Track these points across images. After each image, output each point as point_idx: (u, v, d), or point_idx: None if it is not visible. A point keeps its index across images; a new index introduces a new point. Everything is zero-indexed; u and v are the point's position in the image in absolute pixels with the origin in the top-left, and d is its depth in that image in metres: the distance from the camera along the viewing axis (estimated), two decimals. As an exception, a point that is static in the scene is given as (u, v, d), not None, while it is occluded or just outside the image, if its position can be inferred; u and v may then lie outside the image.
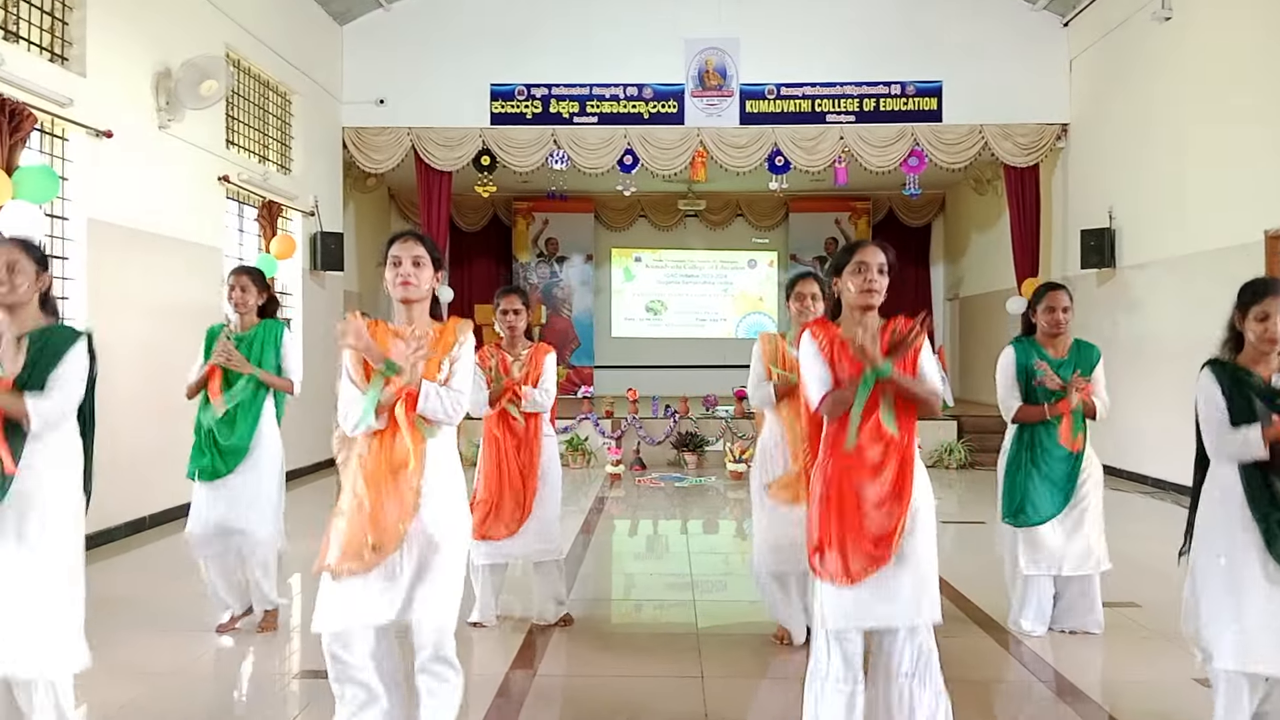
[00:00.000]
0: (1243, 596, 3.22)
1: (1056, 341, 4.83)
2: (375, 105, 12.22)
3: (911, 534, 3.15)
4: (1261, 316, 3.26)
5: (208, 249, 8.90)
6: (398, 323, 3.21)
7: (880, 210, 18.05)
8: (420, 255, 3.14)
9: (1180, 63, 9.64)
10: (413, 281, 3.12)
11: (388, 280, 3.15)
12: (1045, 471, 4.78)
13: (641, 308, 18.68)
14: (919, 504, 3.20)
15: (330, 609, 3.02)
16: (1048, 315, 4.80)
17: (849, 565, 3.13)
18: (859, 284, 3.20)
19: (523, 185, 15.00)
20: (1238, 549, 3.25)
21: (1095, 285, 11.23)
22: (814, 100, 12.28)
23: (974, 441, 11.78)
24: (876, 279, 3.20)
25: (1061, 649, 4.75)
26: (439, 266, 3.23)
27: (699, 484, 10.67)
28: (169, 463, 5.49)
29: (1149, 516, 8.40)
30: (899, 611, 3.14)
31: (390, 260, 3.14)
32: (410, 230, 3.24)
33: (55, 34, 7.05)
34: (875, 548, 3.12)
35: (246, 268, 5.10)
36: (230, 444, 4.84)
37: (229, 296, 5.00)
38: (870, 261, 3.20)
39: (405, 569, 3.03)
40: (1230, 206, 8.73)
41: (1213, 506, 3.35)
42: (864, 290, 3.20)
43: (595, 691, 4.22)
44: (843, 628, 3.16)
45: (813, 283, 4.68)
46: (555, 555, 5.09)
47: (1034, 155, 12.16)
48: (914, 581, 3.15)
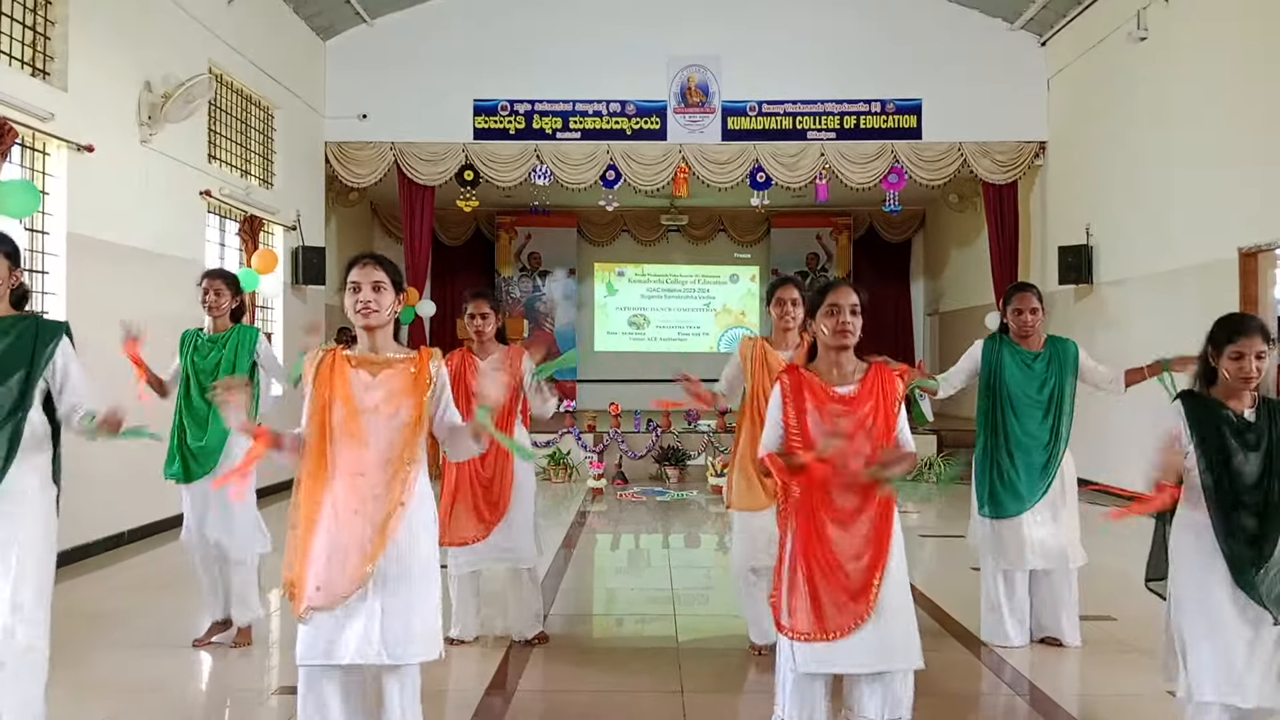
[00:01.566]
0: (1218, 629, 3.21)
1: (1028, 342, 4.90)
2: (358, 120, 12.21)
3: (888, 583, 3.11)
4: (1236, 356, 3.23)
5: (189, 263, 8.85)
6: (361, 348, 3.09)
7: (861, 226, 18.15)
8: (380, 280, 3.02)
9: (1156, 82, 9.77)
10: (374, 308, 3.01)
11: (347, 306, 3.06)
12: (1017, 463, 4.82)
13: (624, 322, 18.71)
14: (894, 550, 3.16)
15: (303, 640, 2.97)
16: (1016, 318, 4.87)
17: (825, 623, 3.07)
18: (832, 326, 3.21)
19: (505, 200, 15.02)
20: (1210, 582, 3.24)
21: (1073, 301, 11.34)
22: (795, 117, 12.37)
23: (954, 455, 11.84)
24: (850, 320, 3.20)
25: (1038, 662, 4.78)
26: (400, 289, 3.12)
27: (681, 498, 10.68)
28: (146, 478, 5.46)
29: (1125, 530, 8.43)
30: (873, 658, 3.09)
31: (350, 286, 3.04)
32: (369, 254, 3.13)
33: (37, 48, 7.04)
34: (854, 602, 3.07)
35: (219, 271, 5.12)
36: (200, 446, 4.81)
37: (202, 300, 4.98)
38: (843, 304, 3.21)
39: (374, 602, 2.95)
40: (1206, 224, 8.84)
41: (1185, 539, 3.34)
42: (837, 332, 3.21)
43: (575, 707, 4.23)
44: (813, 672, 3.13)
45: (793, 288, 4.67)
46: (529, 562, 4.97)
47: (1012, 173, 12.27)
48: (890, 629, 3.10)
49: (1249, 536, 3.19)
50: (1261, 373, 3.26)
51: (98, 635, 5.16)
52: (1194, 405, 3.34)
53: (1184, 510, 3.35)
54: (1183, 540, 3.37)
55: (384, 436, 2.99)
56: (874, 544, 3.11)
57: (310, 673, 3.00)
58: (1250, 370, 3.23)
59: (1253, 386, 3.28)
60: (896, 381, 3.27)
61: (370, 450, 2.97)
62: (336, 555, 2.93)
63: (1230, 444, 3.23)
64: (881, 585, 3.09)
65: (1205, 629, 3.24)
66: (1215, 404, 3.31)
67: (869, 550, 3.11)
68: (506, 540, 4.85)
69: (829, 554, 3.11)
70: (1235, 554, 3.19)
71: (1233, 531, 3.21)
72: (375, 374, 3.03)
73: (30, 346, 3.19)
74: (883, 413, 3.19)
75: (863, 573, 3.09)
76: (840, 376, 3.25)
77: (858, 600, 3.08)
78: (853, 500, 3.13)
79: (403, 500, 2.98)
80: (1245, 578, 3.17)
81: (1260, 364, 3.24)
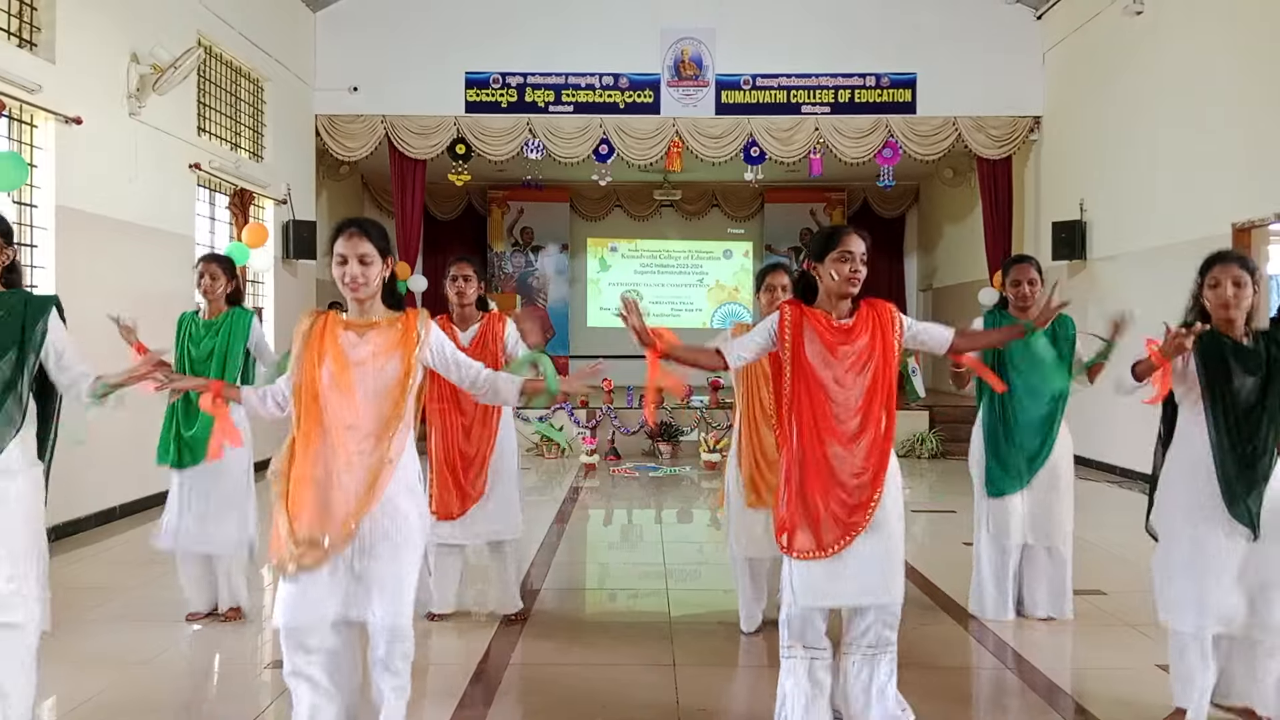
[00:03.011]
0: (1200, 559, 3.37)
1: (1028, 314, 4.88)
2: (348, 92, 12.13)
3: (884, 506, 3.22)
4: (1213, 284, 3.41)
5: (179, 237, 8.82)
6: (351, 314, 3.14)
7: (855, 201, 18.12)
8: (367, 253, 3.05)
9: (1152, 57, 9.73)
10: (361, 281, 3.05)
11: (335, 277, 3.09)
12: (1017, 441, 4.83)
13: (617, 297, 18.56)
14: (890, 478, 3.27)
15: (286, 602, 3.01)
16: (1015, 289, 4.87)
17: (821, 536, 3.18)
18: (843, 272, 3.24)
19: (498, 174, 14.96)
20: (1200, 512, 3.38)
21: (1066, 277, 11.31)
22: (789, 91, 12.30)
23: (945, 431, 11.88)
24: (860, 268, 3.25)
25: (1028, 636, 4.80)
26: (388, 254, 3.15)
27: (673, 474, 10.70)
28: (139, 452, 5.45)
29: (1117, 505, 8.51)
30: (868, 589, 3.22)
31: (337, 258, 3.06)
32: (355, 223, 3.13)
33: (24, 19, 6.95)
34: (850, 515, 3.18)
35: (215, 255, 5.10)
36: (192, 434, 4.80)
37: (198, 284, 4.99)
38: (855, 250, 3.25)
39: (359, 563, 3.01)
40: (1199, 200, 8.84)
41: (1179, 471, 3.48)
42: (848, 279, 3.24)
43: (567, 681, 4.24)
44: (811, 604, 3.23)
45: (783, 274, 4.69)
46: (512, 534, 4.96)
47: (1007, 148, 12.25)
48: (884, 557, 3.23)
49: (1244, 459, 3.33)
50: (1240, 300, 3.38)
51: (91, 609, 5.17)
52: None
53: (1178, 440, 3.51)
54: (1174, 471, 3.52)
55: (372, 390, 3.04)
56: (874, 463, 3.21)
57: (293, 635, 3.03)
58: (1227, 296, 3.38)
59: (1233, 313, 3.39)
60: (890, 310, 3.33)
61: (359, 404, 3.02)
62: (326, 510, 2.97)
63: (1231, 365, 3.36)
64: (878, 504, 3.19)
65: (1188, 559, 3.40)
66: (1215, 331, 3.43)
67: (868, 469, 3.21)
68: (489, 514, 4.85)
69: (829, 469, 3.20)
70: (1229, 475, 3.34)
71: (1229, 452, 3.34)
72: (362, 334, 3.09)
73: (20, 323, 3.16)
74: (881, 340, 3.25)
75: (862, 490, 3.20)
76: (839, 314, 3.33)
77: (854, 514, 3.18)
78: (854, 424, 3.21)
79: (390, 458, 3.03)
80: (1238, 500, 3.32)
81: (1240, 292, 3.37)
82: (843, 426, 3.22)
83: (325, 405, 3.02)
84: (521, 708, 4.00)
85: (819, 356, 3.25)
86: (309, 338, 3.07)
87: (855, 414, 3.22)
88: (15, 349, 3.13)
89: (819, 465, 3.21)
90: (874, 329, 3.27)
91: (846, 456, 3.21)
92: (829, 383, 3.24)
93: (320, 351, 3.04)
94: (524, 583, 5.46)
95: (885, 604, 3.27)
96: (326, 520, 2.97)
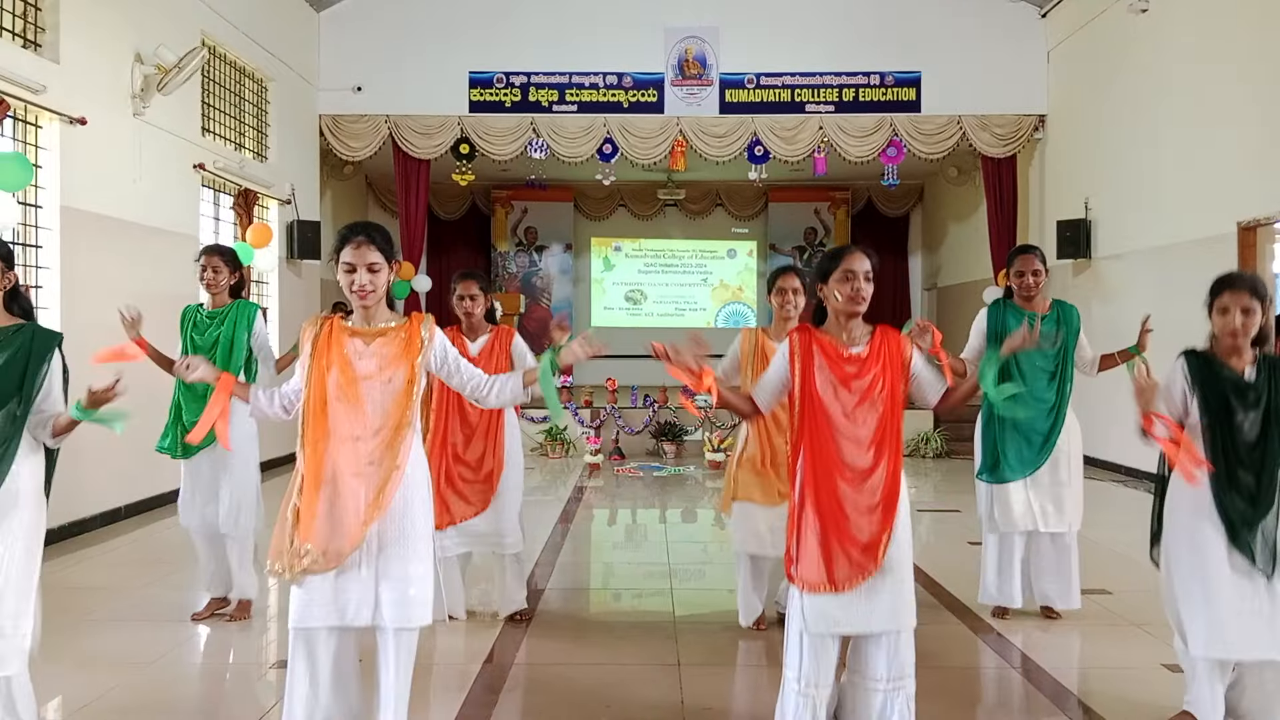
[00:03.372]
0: (1210, 585, 3.29)
1: (1033, 304, 4.87)
2: (352, 92, 12.13)
3: (895, 542, 3.13)
4: (1222, 310, 3.32)
5: (183, 237, 8.82)
6: (356, 319, 3.14)
7: (859, 200, 18.08)
8: (375, 262, 3.05)
9: (1157, 55, 9.70)
10: (369, 289, 3.05)
11: (342, 284, 3.09)
12: (1022, 427, 4.80)
13: (621, 297, 18.65)
14: (901, 510, 3.19)
15: (297, 604, 3.03)
16: (1018, 279, 4.88)
17: (833, 573, 3.09)
18: (846, 292, 3.19)
19: (502, 174, 14.95)
20: (1204, 539, 3.31)
21: (1071, 276, 11.31)
22: (793, 90, 12.29)
23: (950, 431, 11.86)
24: (864, 287, 3.19)
25: (1033, 635, 4.80)
26: (393, 259, 3.15)
27: (678, 473, 10.70)
28: (143, 453, 5.45)
29: (1122, 504, 8.49)
30: (881, 618, 3.12)
31: (344, 266, 3.06)
32: (361, 230, 3.10)
33: (29, 20, 6.96)
34: (862, 555, 3.09)
35: (218, 247, 5.08)
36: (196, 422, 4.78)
37: (200, 276, 4.96)
38: (857, 270, 3.20)
39: (368, 567, 3.02)
40: (1204, 198, 8.81)
41: (1181, 498, 3.41)
42: (851, 299, 3.19)
43: (572, 680, 4.24)
44: (823, 633, 3.13)
45: (794, 277, 4.70)
46: (514, 548, 4.93)
47: (1011, 146, 12.22)
48: (896, 589, 3.13)
49: (1247, 494, 3.26)
50: (1249, 329, 3.29)
51: (96, 610, 5.18)
52: (1196, 362, 3.39)
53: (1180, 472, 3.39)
54: (1179, 501, 3.44)
55: (379, 402, 3.07)
56: (884, 500, 3.13)
57: (302, 636, 3.04)
58: (1234, 325, 3.29)
59: (1240, 341, 3.32)
60: (903, 341, 3.27)
61: (367, 416, 3.05)
62: (335, 517, 3.00)
63: (1231, 402, 3.29)
64: (890, 542, 3.11)
65: (1197, 587, 3.33)
66: (1216, 362, 3.36)
67: (880, 506, 3.13)
68: (493, 525, 4.83)
69: (840, 507, 3.13)
70: (1232, 511, 3.27)
71: (1231, 488, 3.27)
72: (369, 343, 3.10)
73: (23, 365, 3.11)
74: (891, 373, 3.19)
75: (873, 527, 3.12)
76: (850, 340, 3.25)
77: (866, 554, 3.10)
78: (865, 460, 3.14)
79: (399, 464, 3.05)
80: (1241, 535, 3.25)
81: (1248, 320, 3.28)
82: (852, 464, 3.14)
83: (333, 416, 3.04)
84: (526, 706, 3.99)
85: (828, 387, 3.17)
86: (316, 346, 3.08)
87: (866, 449, 3.15)
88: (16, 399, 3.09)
89: (830, 503, 3.13)
90: (885, 362, 3.19)
91: (855, 496, 3.12)
92: (837, 416, 3.15)
93: (328, 361, 3.06)
94: (529, 582, 5.46)
95: (899, 631, 3.16)
96: (336, 527, 2.98)
